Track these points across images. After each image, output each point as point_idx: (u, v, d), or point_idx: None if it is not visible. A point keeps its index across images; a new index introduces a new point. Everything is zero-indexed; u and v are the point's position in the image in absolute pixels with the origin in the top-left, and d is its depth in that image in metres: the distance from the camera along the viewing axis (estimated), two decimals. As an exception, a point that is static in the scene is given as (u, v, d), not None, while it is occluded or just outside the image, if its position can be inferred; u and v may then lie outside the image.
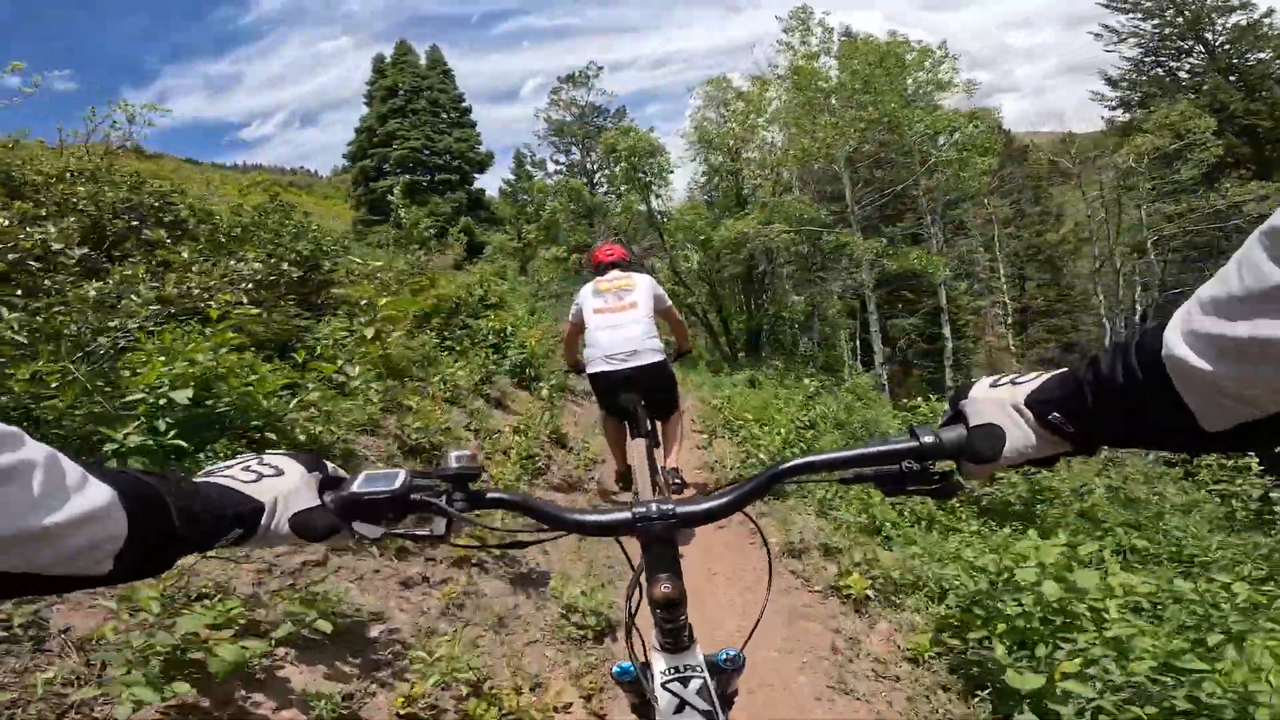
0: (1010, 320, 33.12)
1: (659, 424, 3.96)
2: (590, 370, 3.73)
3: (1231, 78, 21.88)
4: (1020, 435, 0.67)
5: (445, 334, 7.41)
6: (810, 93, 15.45)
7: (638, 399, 3.64)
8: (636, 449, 3.56)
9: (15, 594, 0.44)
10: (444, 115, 34.00)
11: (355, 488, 0.71)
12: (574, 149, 33.24)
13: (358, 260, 6.31)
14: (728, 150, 20.67)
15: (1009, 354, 33.56)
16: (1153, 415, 0.52)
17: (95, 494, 0.46)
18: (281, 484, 0.67)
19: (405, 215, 7.79)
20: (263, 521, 0.63)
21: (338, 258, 5.88)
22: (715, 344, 22.67)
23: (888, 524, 4.47)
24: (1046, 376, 0.68)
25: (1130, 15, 23.42)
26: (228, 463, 0.68)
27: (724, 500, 0.77)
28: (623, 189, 25.73)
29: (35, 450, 0.43)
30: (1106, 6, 23.72)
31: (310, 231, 5.50)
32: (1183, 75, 23.55)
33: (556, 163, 32.04)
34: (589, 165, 31.85)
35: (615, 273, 3.95)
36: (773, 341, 21.75)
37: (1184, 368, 0.47)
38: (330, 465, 0.75)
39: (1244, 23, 21.71)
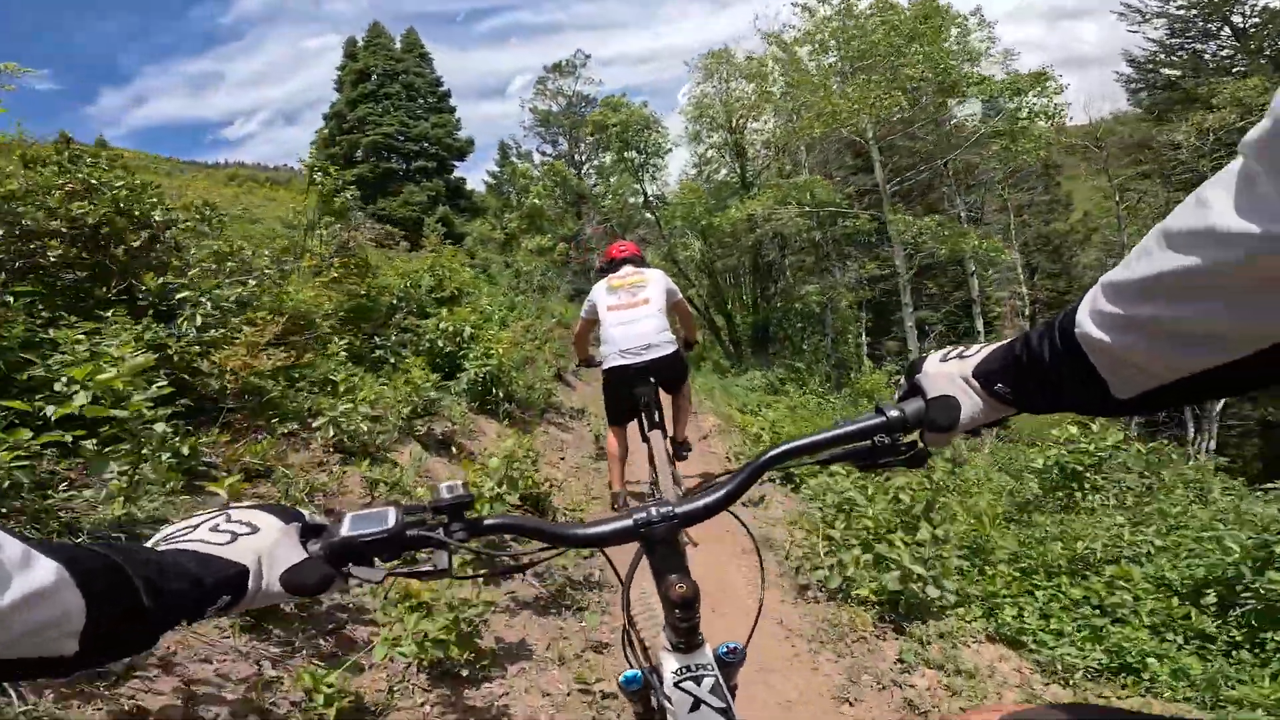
0: (1028, 311, 31.44)
1: (671, 399, 3.95)
2: (606, 365, 3.74)
3: (1261, 60, 20.50)
4: (971, 404, 0.72)
5: (378, 341, 5.33)
6: (846, 51, 13.30)
7: (653, 389, 3.68)
8: (655, 441, 3.57)
9: None
10: (420, 100, 31.65)
11: (345, 532, 0.67)
12: (561, 139, 31.50)
13: (214, 241, 4.21)
14: (731, 128, 18.61)
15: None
16: (1071, 385, 0.59)
17: (41, 571, 0.43)
18: (260, 541, 0.63)
19: (321, 179, 5.61)
20: (250, 585, 0.60)
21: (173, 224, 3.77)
22: (718, 340, 20.72)
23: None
24: (990, 349, 0.73)
25: None
26: (188, 523, 0.64)
27: (720, 495, 0.78)
28: (613, 173, 23.79)
29: None
30: None
31: (120, 185, 3.36)
32: (1207, 58, 22.33)
33: (543, 154, 30.11)
34: (577, 156, 30.06)
35: (628, 269, 3.97)
36: (781, 337, 19.78)
37: (1092, 342, 0.54)
38: (306, 513, 0.70)
39: (1276, 5, 20.25)
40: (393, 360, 5.06)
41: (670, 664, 0.83)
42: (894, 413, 0.75)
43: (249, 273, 4.00)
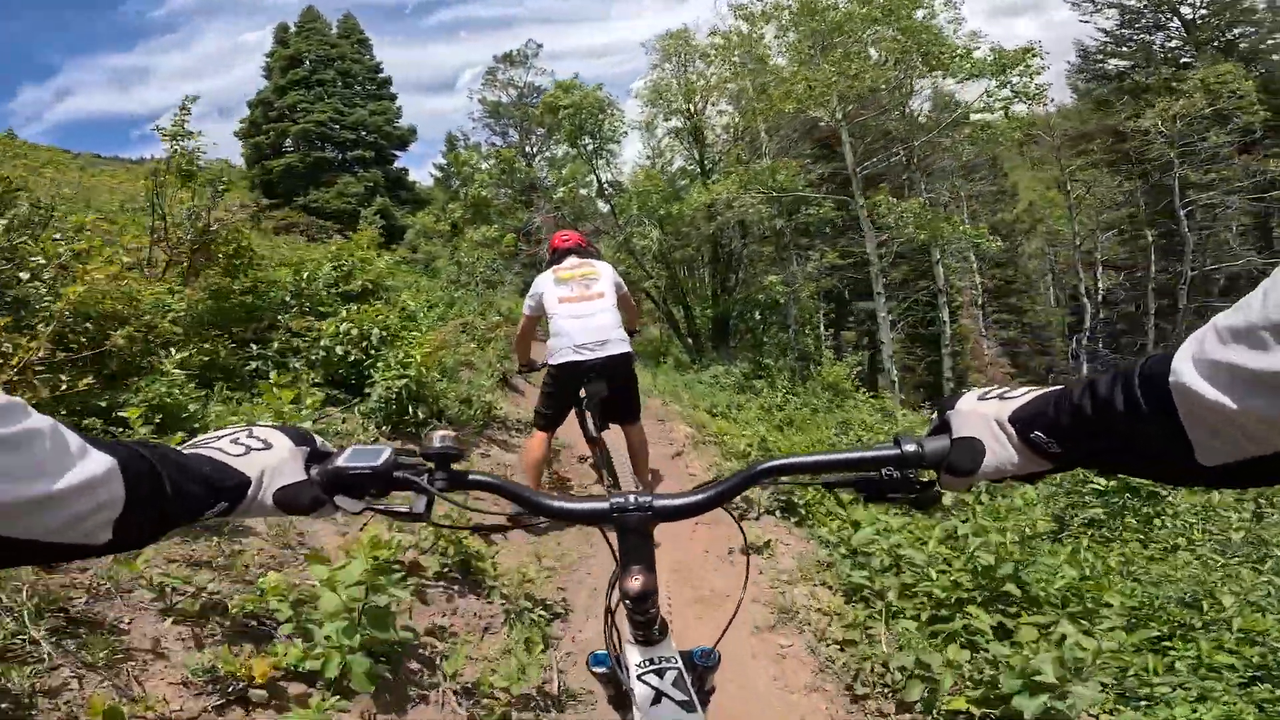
0: (980, 302, 31.61)
1: (626, 433, 3.69)
2: (556, 361, 3.42)
3: (1211, 50, 20.78)
4: (1000, 451, 0.66)
5: (257, 351, 4.04)
6: (816, 22, 12.32)
7: (604, 390, 3.46)
8: (608, 441, 3.62)
9: (14, 563, 0.45)
10: (358, 87, 29.41)
11: (340, 462, 0.70)
12: (512, 131, 30.24)
13: None
14: (690, 112, 17.55)
15: (981, 337, 32.24)
16: (1143, 443, 0.50)
17: (96, 461, 0.46)
18: (269, 458, 0.67)
19: (164, 133, 4.18)
20: (248, 494, 0.64)
21: None
22: (677, 334, 19.73)
23: None
24: (1036, 394, 0.66)
25: None
26: (217, 433, 0.68)
27: (702, 496, 0.77)
28: (564, 164, 22.37)
29: (39, 420, 0.43)
30: None
31: None
32: (1156, 48, 22.63)
33: (492, 145, 28.63)
34: (528, 148, 28.82)
35: (574, 259, 3.68)
36: (742, 330, 18.93)
37: (1194, 398, 0.44)
38: (319, 439, 0.74)
39: None
40: (275, 374, 3.80)
41: (634, 656, 0.86)
42: (911, 447, 0.71)
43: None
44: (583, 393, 3.52)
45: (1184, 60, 21.50)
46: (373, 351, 4.36)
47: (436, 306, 11.32)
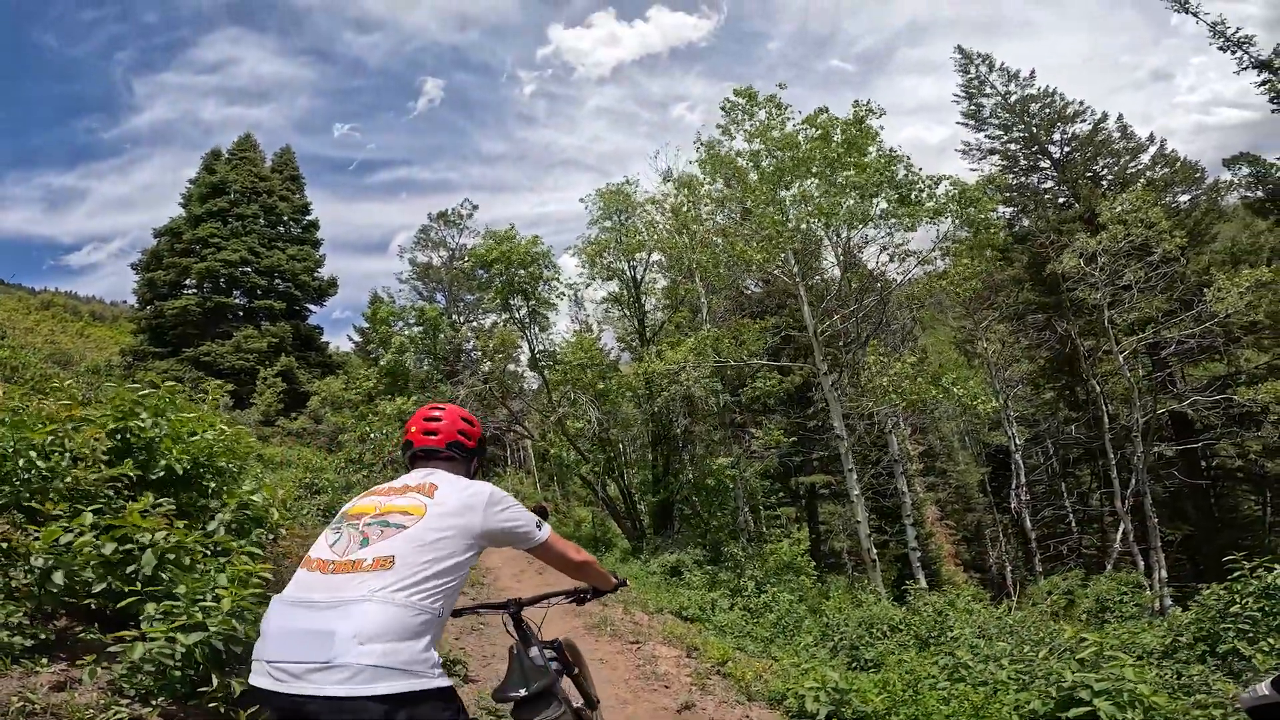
0: (919, 468, 31.28)
1: None
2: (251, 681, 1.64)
3: (1079, 184, 21.80)
4: None
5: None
6: (781, 164, 11.89)
7: None
8: None
9: None
10: (281, 227, 27.11)
11: None
12: (440, 295, 29.17)
13: None
14: (633, 278, 17.04)
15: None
16: None
17: None
18: None
19: None
20: None
21: None
22: (616, 519, 17.45)
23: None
24: None
25: (986, 132, 23.75)
26: None
27: None
28: (491, 337, 20.97)
29: None
30: (965, 124, 24.15)
31: None
32: (1030, 192, 23.65)
33: (418, 308, 27.44)
34: (455, 316, 27.67)
35: (420, 473, 2.01)
36: (688, 515, 16.97)
37: None
38: None
39: (1084, 131, 22.36)
40: None
41: None
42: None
43: None
44: None
45: (1062, 200, 22.59)
46: (144, 591, 2.21)
47: (324, 491, 8.74)
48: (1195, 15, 19.97)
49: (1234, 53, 20.03)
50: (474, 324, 26.55)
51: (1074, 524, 23.88)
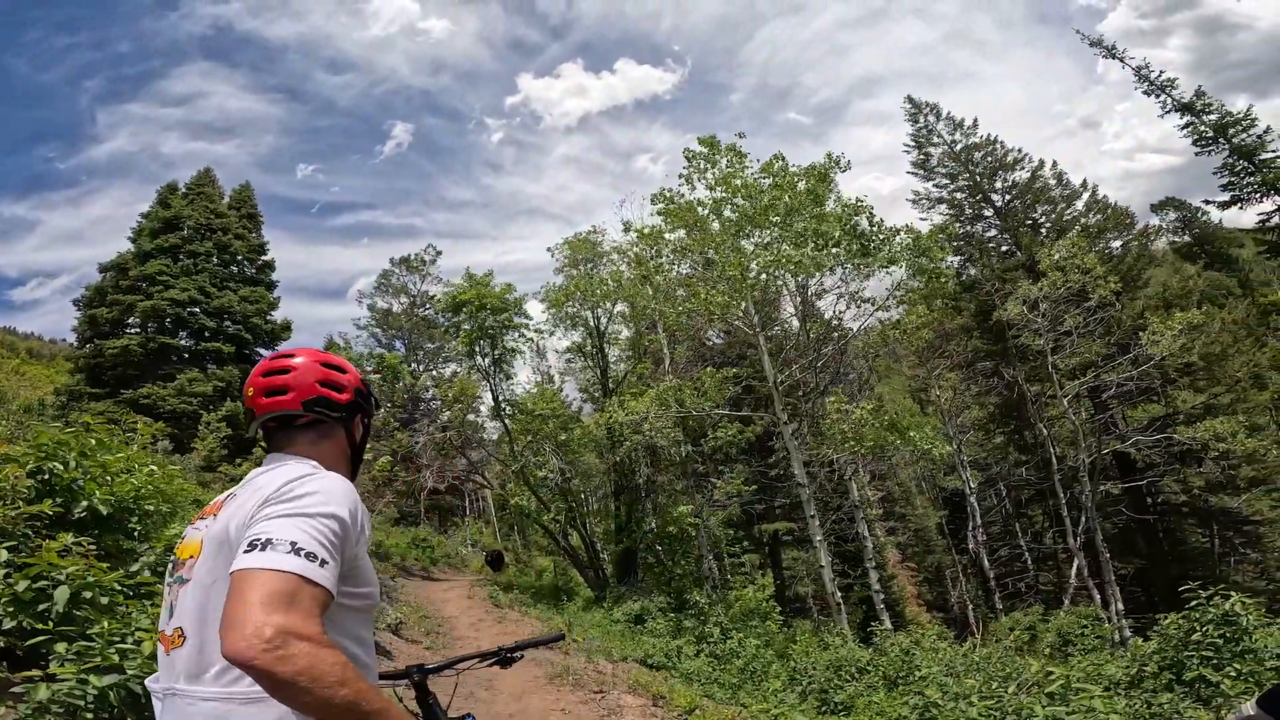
0: (879, 512, 31.57)
1: None
2: None
3: (1020, 230, 22.54)
4: None
5: None
6: (743, 211, 12.15)
7: None
8: None
9: None
10: (234, 267, 25.97)
11: None
12: (399, 343, 28.51)
13: None
14: (595, 328, 17.06)
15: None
16: None
17: None
18: None
19: None
20: None
21: None
22: (578, 568, 16.99)
23: None
24: None
25: (934, 181, 24.50)
26: None
27: None
28: (450, 387, 20.56)
29: None
30: (915, 174, 24.87)
31: None
32: (975, 240, 24.22)
33: (375, 357, 26.67)
34: (414, 364, 26.98)
35: (258, 469, 1.39)
36: (651, 563, 16.66)
37: None
38: None
39: (1023, 179, 23.19)
40: None
41: None
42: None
43: None
44: None
45: (1004, 248, 23.28)
46: (52, 638, 1.99)
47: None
48: (1121, 60, 21.24)
49: (1158, 96, 21.26)
50: (434, 372, 26.00)
51: (1030, 562, 24.26)
